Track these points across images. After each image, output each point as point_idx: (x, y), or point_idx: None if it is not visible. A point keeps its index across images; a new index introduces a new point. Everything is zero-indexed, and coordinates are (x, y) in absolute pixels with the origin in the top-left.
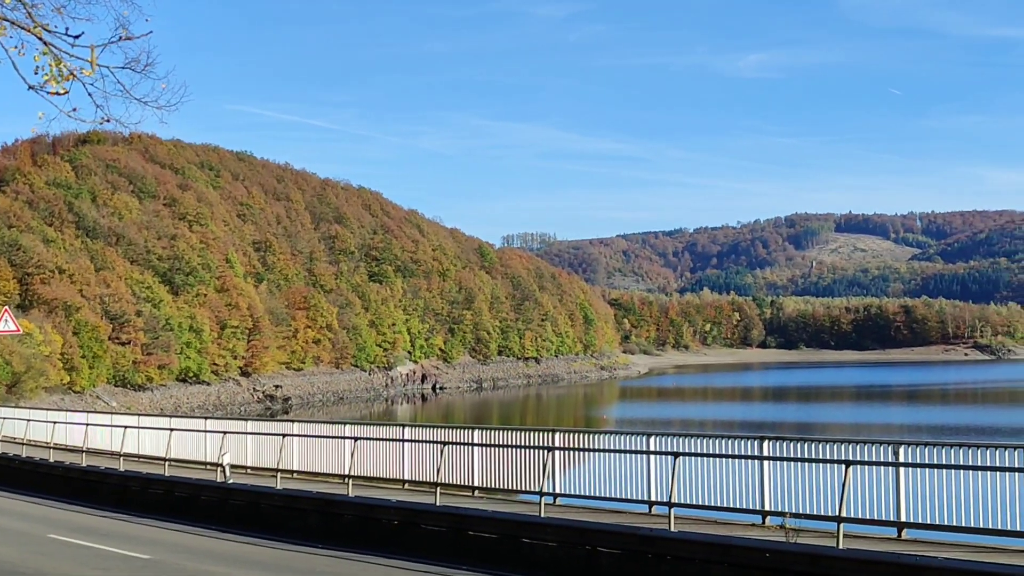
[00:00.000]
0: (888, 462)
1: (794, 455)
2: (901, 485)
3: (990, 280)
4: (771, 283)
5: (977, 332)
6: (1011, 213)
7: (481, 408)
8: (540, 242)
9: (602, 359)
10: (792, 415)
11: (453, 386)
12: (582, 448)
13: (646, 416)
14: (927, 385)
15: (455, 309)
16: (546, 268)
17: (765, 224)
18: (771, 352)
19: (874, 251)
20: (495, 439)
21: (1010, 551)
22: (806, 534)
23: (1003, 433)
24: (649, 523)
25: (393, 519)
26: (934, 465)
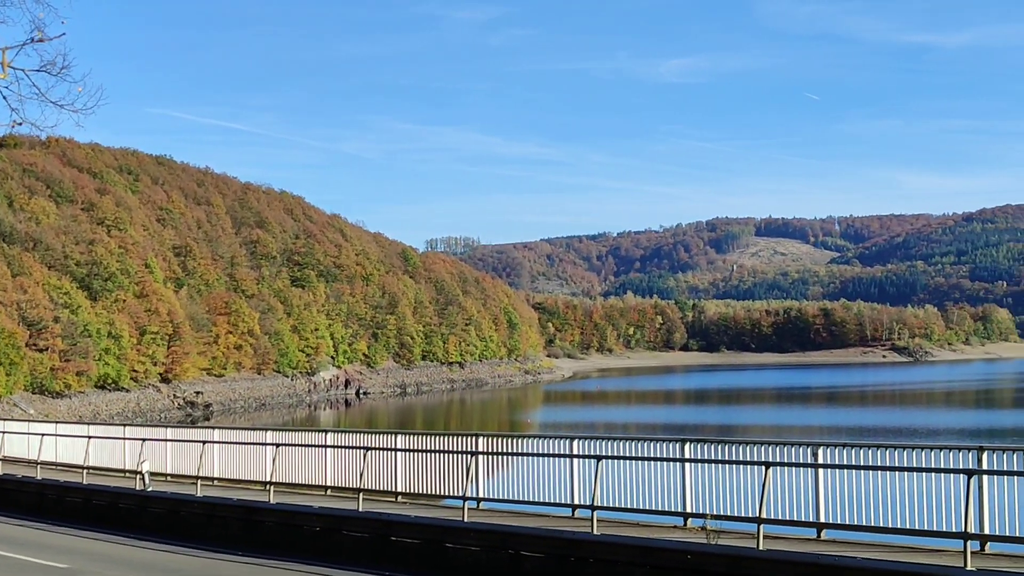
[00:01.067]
0: (807, 463)
1: (715, 457)
2: (820, 486)
3: (907, 283)
4: (693, 286)
5: (895, 334)
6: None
7: (405, 413)
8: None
9: (526, 363)
10: (713, 417)
11: (377, 391)
12: (506, 452)
13: (570, 420)
14: (846, 387)
15: (379, 314)
16: (470, 272)
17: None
18: (693, 355)
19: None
20: (419, 444)
21: (926, 551)
22: (727, 535)
23: (920, 434)
24: (572, 527)
25: (316, 525)
26: (852, 466)
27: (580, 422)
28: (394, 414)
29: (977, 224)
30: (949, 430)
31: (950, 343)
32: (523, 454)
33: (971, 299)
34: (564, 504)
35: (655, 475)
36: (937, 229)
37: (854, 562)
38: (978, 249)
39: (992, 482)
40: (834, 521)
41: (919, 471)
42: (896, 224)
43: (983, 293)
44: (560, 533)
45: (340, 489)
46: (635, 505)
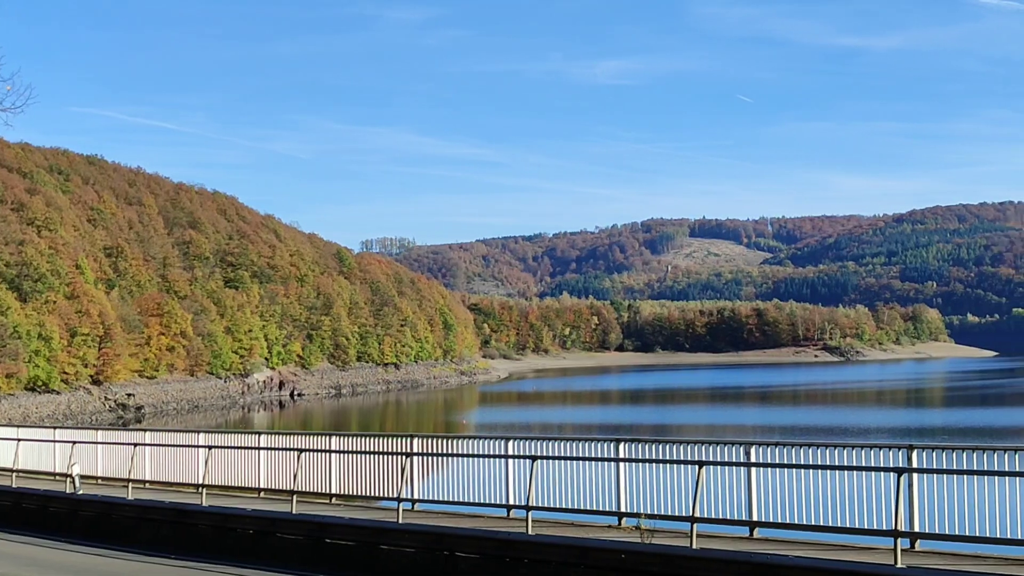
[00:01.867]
0: (740, 462)
1: (649, 456)
2: (753, 485)
3: (839, 283)
4: (628, 287)
5: (826, 334)
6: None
7: (340, 414)
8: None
9: (462, 364)
10: (648, 417)
11: (312, 392)
12: (441, 453)
13: (506, 420)
14: (779, 386)
15: (313, 315)
16: (405, 273)
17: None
18: (628, 355)
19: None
20: (353, 445)
21: (858, 548)
22: (661, 535)
23: (851, 433)
24: (507, 527)
25: (249, 528)
26: (784, 465)
27: (516, 423)
28: (329, 416)
29: (907, 225)
30: (880, 429)
31: (881, 343)
32: (458, 455)
33: (901, 299)
34: (499, 505)
35: (590, 475)
36: (868, 230)
37: (786, 560)
38: (908, 250)
39: (922, 480)
40: (767, 520)
41: (850, 470)
42: (828, 225)
43: (913, 293)
44: (495, 534)
45: (274, 491)
46: (570, 505)
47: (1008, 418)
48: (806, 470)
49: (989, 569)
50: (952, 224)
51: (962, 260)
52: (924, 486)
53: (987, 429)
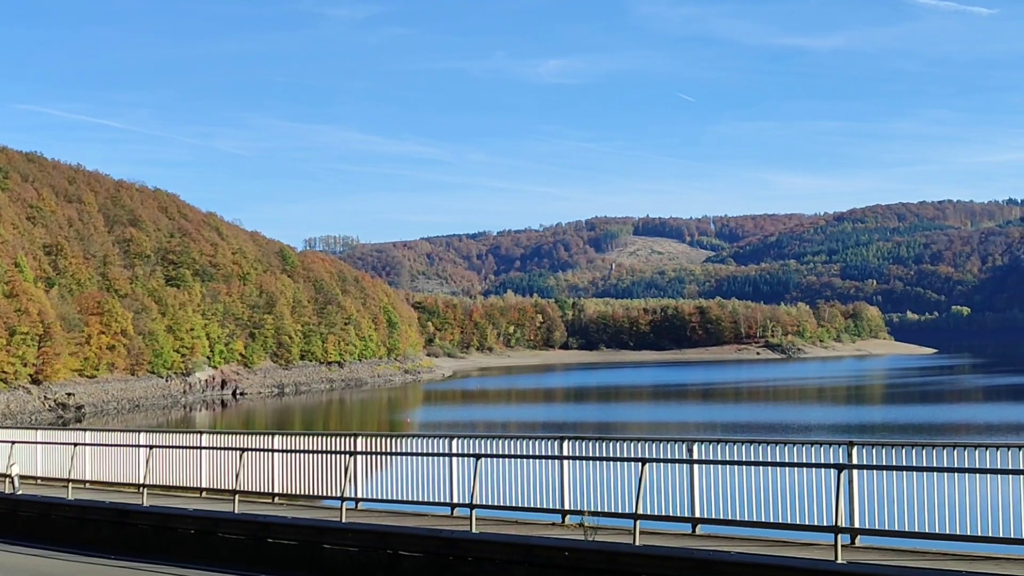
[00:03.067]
0: (683, 459)
1: (593, 454)
2: (695, 482)
3: (780, 281)
4: (573, 285)
5: (768, 332)
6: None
7: (283, 413)
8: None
9: (406, 362)
10: (593, 415)
11: (254, 391)
12: (385, 452)
13: (450, 419)
14: (721, 384)
15: (256, 313)
16: (349, 271)
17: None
18: (573, 353)
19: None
20: (296, 444)
21: (799, 544)
22: (604, 532)
23: (793, 430)
24: (451, 525)
25: (190, 528)
26: (726, 462)
27: (460, 421)
28: (272, 415)
29: (848, 224)
30: (821, 426)
31: (822, 340)
32: (402, 453)
33: (842, 297)
34: (443, 503)
35: (534, 473)
36: (809, 229)
37: (728, 556)
38: (849, 248)
39: (862, 476)
40: (709, 516)
41: (791, 466)
42: (769, 224)
43: (854, 291)
44: (439, 532)
45: (216, 491)
46: (514, 503)
47: (947, 415)
48: (748, 467)
49: (928, 564)
50: (892, 223)
51: (902, 258)
52: (864, 482)
53: (926, 425)
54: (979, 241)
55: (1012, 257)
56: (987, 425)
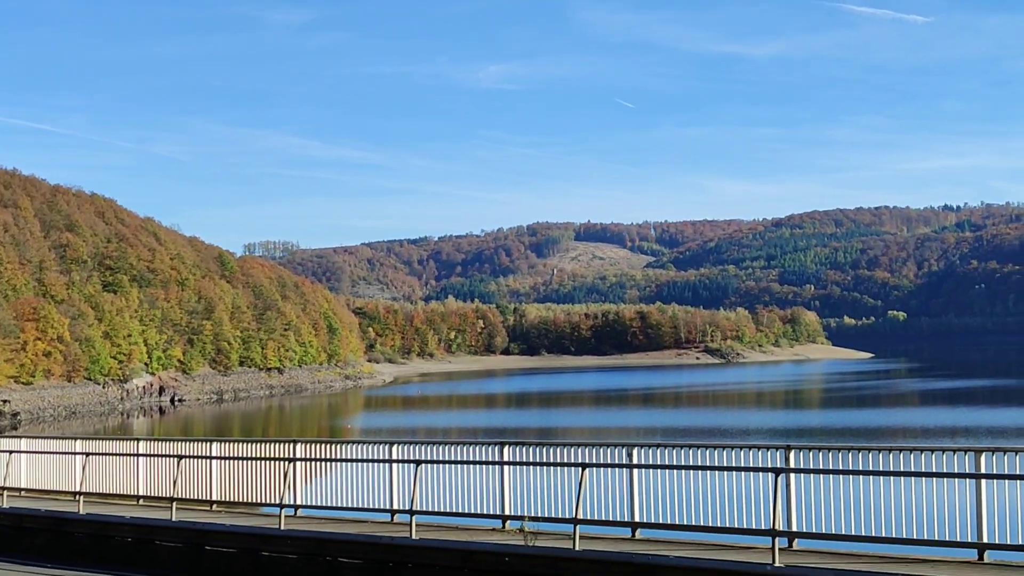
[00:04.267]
0: (622, 464)
1: (533, 459)
2: (635, 486)
3: (719, 287)
4: (514, 290)
5: (708, 337)
6: (739, 222)
7: (222, 420)
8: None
9: (347, 368)
10: (534, 420)
11: (193, 398)
12: (325, 459)
13: (391, 425)
14: (661, 388)
15: (194, 319)
16: (289, 277)
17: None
18: (514, 358)
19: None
20: (234, 451)
21: (738, 548)
22: (545, 537)
23: (731, 434)
24: (391, 532)
25: (128, 536)
26: (666, 466)
27: (401, 427)
28: (210, 421)
29: (786, 229)
30: (759, 430)
31: (760, 345)
32: (342, 460)
33: (780, 302)
34: (383, 509)
35: (475, 478)
36: (748, 234)
37: (667, 560)
38: (787, 254)
39: (799, 480)
40: (649, 520)
41: (729, 470)
42: (709, 229)
43: (792, 296)
44: (378, 539)
45: (153, 498)
46: (455, 509)
47: (883, 419)
48: (687, 471)
49: (864, 567)
50: (829, 228)
51: (839, 264)
52: (801, 486)
53: (863, 429)
54: (915, 247)
55: (947, 263)
56: (923, 429)
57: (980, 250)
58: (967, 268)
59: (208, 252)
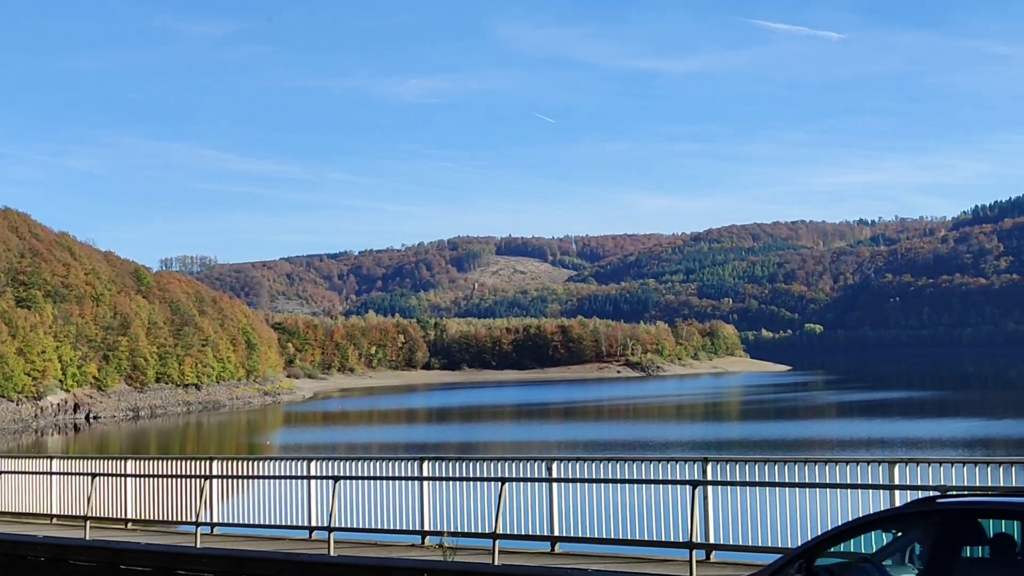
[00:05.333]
0: (542, 478)
1: (452, 474)
2: (555, 500)
3: (640, 300)
4: (435, 305)
5: (628, 350)
6: (658, 236)
7: (138, 437)
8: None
9: (266, 384)
10: (455, 435)
11: (108, 415)
12: (242, 476)
13: (311, 441)
14: (583, 402)
15: (110, 335)
16: (207, 292)
17: (429, 247)
18: (435, 373)
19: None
20: (150, 469)
21: (656, 561)
22: (464, 552)
23: (652, 447)
24: (309, 549)
25: (40, 555)
26: (585, 480)
27: (321, 443)
28: (126, 439)
29: (704, 244)
30: (679, 442)
31: (680, 358)
32: (260, 477)
33: (700, 315)
34: (301, 527)
35: (394, 494)
36: (667, 248)
37: (586, 574)
38: (705, 268)
39: (716, 492)
40: (568, 534)
41: (648, 483)
42: (629, 243)
43: (711, 310)
44: (295, 556)
45: (67, 517)
46: (374, 525)
47: (800, 430)
48: (605, 484)
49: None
50: (747, 242)
51: (756, 277)
52: (719, 498)
53: (780, 441)
54: (831, 260)
55: (863, 276)
56: (839, 440)
57: (895, 264)
58: (882, 281)
59: (124, 267)
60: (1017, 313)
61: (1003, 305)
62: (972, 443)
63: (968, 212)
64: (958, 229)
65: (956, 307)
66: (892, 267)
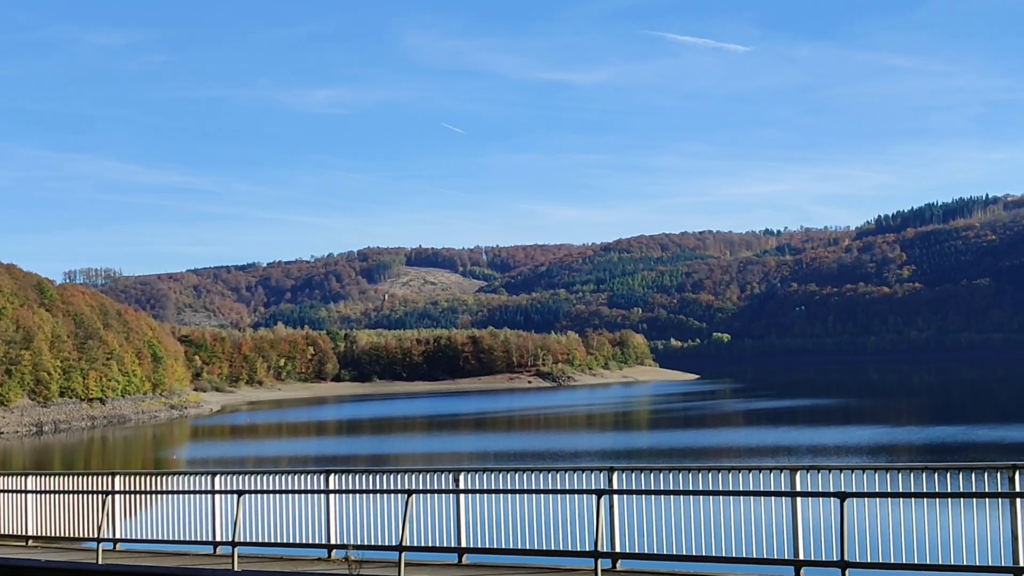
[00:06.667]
0: (448, 490)
1: (359, 487)
2: (462, 512)
3: (551, 310)
4: (345, 316)
5: (539, 360)
6: (569, 247)
7: (41, 453)
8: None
9: (172, 398)
10: (365, 447)
11: (11, 431)
12: (145, 491)
13: (218, 455)
14: (494, 413)
15: (12, 349)
16: (111, 305)
17: (338, 258)
18: (346, 385)
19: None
20: (51, 485)
21: (563, 570)
22: (370, 565)
23: (561, 457)
24: (213, 564)
25: None
26: (491, 491)
27: (228, 457)
28: (29, 454)
29: (614, 254)
30: (588, 452)
31: (591, 368)
32: (164, 492)
33: (609, 325)
34: (205, 542)
35: (300, 508)
36: (578, 259)
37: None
38: (615, 278)
39: (622, 501)
40: (475, 546)
41: (554, 493)
42: (540, 254)
43: (620, 319)
44: (199, 571)
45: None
46: (280, 539)
47: (707, 439)
48: (512, 495)
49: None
50: (656, 253)
51: (665, 287)
52: (625, 507)
53: (688, 450)
54: (738, 270)
55: (769, 285)
56: (746, 448)
57: (800, 273)
58: (788, 291)
59: (26, 280)
60: (919, 321)
61: (905, 314)
62: (876, 450)
63: (871, 222)
64: (861, 239)
65: (860, 316)
66: (797, 276)
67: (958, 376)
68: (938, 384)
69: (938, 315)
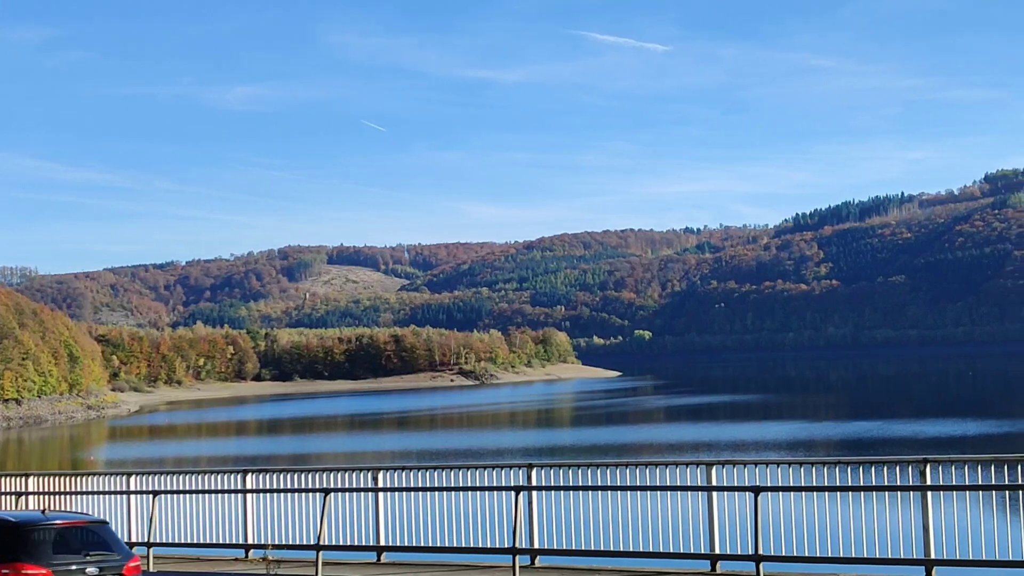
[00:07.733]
0: (366, 488)
1: (277, 486)
2: (380, 510)
3: (473, 309)
4: (266, 315)
5: (462, 359)
6: (491, 245)
7: None
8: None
9: (89, 398)
10: (285, 447)
11: None
12: (57, 492)
13: (136, 455)
14: (416, 411)
15: None
16: (27, 304)
17: (259, 256)
18: (266, 384)
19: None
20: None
21: (481, 568)
22: (288, 564)
23: (482, 454)
24: None
25: None
26: (410, 489)
27: (147, 457)
28: None
29: (537, 252)
30: (510, 449)
31: (513, 366)
32: (78, 493)
33: (533, 323)
34: None
35: (217, 508)
36: (500, 257)
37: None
38: (538, 276)
39: (542, 497)
40: (394, 544)
41: (472, 490)
42: (462, 252)
43: (543, 317)
44: None
45: None
46: (196, 539)
47: (628, 435)
48: (431, 492)
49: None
50: (578, 251)
51: (588, 285)
52: (544, 503)
53: (609, 446)
54: (659, 268)
55: (689, 283)
56: (666, 444)
57: (720, 271)
58: (708, 288)
59: None
60: (836, 318)
61: (823, 310)
62: (793, 445)
63: (789, 220)
64: (780, 237)
65: (778, 313)
66: (717, 274)
67: (874, 372)
68: (855, 380)
69: (855, 312)
